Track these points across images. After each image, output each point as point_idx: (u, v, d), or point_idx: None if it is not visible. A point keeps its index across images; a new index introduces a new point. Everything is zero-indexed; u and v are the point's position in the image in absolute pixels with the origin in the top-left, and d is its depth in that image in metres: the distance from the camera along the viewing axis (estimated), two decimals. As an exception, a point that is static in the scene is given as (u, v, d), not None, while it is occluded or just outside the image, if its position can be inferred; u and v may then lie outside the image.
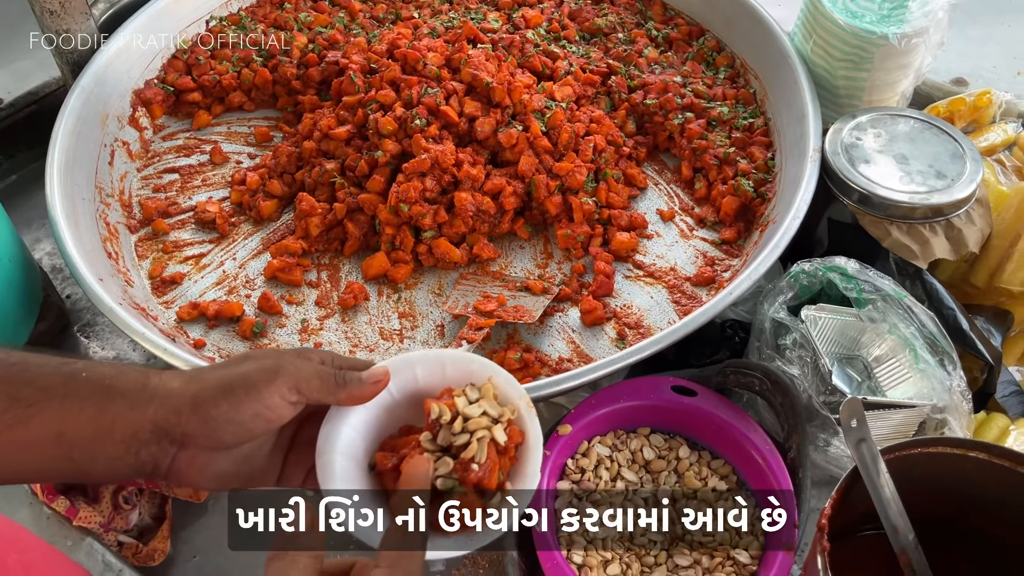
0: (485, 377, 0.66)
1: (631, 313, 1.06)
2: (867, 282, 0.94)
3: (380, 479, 0.64)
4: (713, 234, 1.14)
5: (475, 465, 0.60)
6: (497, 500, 0.62)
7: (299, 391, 0.58)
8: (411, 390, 0.67)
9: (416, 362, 0.67)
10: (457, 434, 0.62)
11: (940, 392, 0.91)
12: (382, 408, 0.65)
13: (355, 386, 0.62)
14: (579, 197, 1.12)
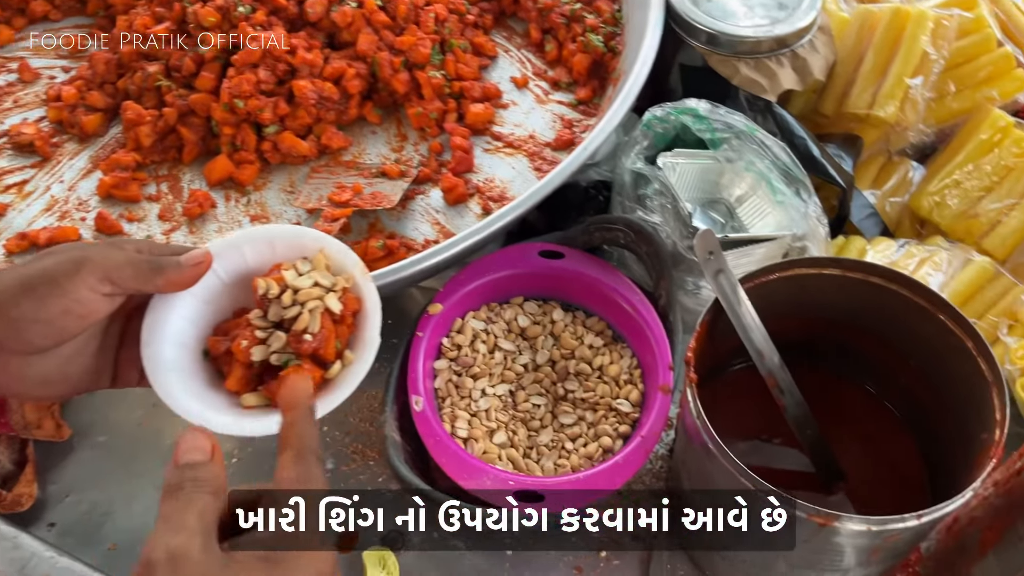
0: (316, 249, 0.64)
1: (494, 186, 1.03)
2: (718, 121, 0.93)
3: (216, 363, 0.62)
4: (569, 95, 1.11)
5: (308, 336, 0.59)
6: (337, 369, 0.61)
7: (111, 281, 0.53)
8: (241, 272, 0.63)
9: (243, 242, 0.63)
10: (288, 307, 0.60)
11: (798, 221, 0.92)
12: (213, 293, 0.62)
13: (173, 271, 0.57)
14: (426, 72, 1.07)
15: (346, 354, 0.62)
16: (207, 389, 0.61)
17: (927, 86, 1.00)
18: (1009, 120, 0.99)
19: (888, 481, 0.84)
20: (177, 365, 0.59)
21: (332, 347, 0.60)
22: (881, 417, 0.87)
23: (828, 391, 0.87)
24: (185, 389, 0.58)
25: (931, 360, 0.77)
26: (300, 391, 0.56)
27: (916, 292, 0.75)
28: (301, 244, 0.64)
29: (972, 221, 0.98)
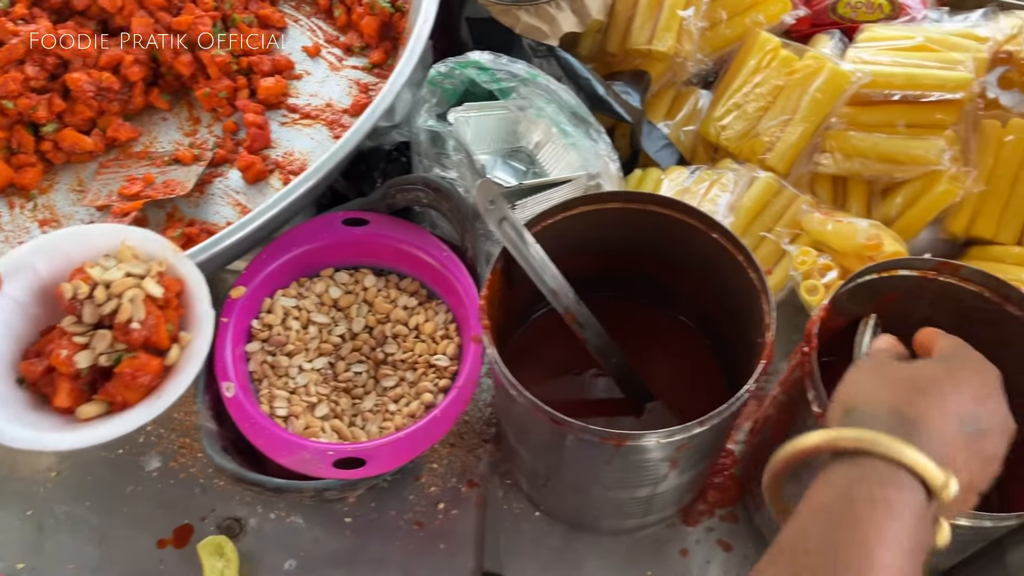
0: (118, 243, 0.61)
1: (294, 159, 1.01)
2: (502, 71, 0.94)
3: (35, 388, 0.58)
4: (363, 60, 1.10)
5: (135, 324, 0.56)
6: (176, 353, 0.59)
7: None
8: (38, 287, 0.59)
9: (32, 254, 0.59)
10: (104, 303, 0.56)
11: (592, 160, 0.96)
12: (10, 317, 0.58)
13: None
14: (210, 51, 1.04)
15: (181, 336, 0.59)
16: (34, 413, 0.57)
17: (699, 16, 1.05)
18: (776, 42, 1.04)
19: (695, 391, 0.88)
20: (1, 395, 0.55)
21: (164, 332, 0.58)
22: (684, 335, 0.92)
23: (635, 317, 0.92)
24: (9, 419, 0.55)
25: (714, 276, 0.82)
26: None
27: (691, 215, 0.79)
28: (98, 242, 0.60)
29: (755, 140, 1.04)
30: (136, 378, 0.56)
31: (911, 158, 0.97)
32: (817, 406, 0.70)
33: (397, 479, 0.90)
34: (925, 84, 0.96)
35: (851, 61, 1.01)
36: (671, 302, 0.91)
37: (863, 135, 0.99)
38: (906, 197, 1.01)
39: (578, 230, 0.82)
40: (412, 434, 0.79)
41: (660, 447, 0.69)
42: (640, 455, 0.71)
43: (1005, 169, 1.01)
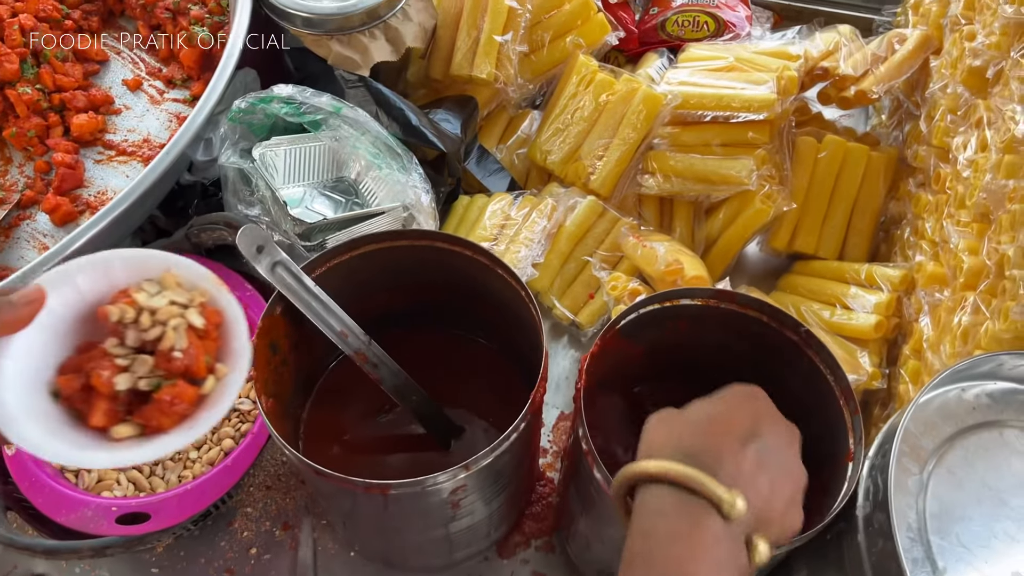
0: (162, 269, 0.60)
1: (107, 199, 0.98)
2: (307, 103, 0.93)
3: (69, 403, 0.57)
4: (184, 92, 1.08)
5: (177, 353, 0.56)
6: (211, 384, 0.59)
7: None
8: (78, 304, 0.58)
9: (76, 271, 0.58)
10: (148, 329, 0.56)
11: (405, 192, 0.95)
12: (48, 331, 0.56)
13: (6, 311, 0.52)
14: (17, 88, 1.01)
15: (218, 367, 0.59)
16: (68, 429, 0.56)
17: (517, 41, 1.04)
18: (592, 65, 1.05)
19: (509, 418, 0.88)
20: (30, 411, 0.55)
21: (203, 362, 0.58)
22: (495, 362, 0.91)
23: (449, 349, 0.91)
24: (46, 433, 0.55)
25: (507, 307, 0.81)
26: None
27: (476, 252, 0.79)
28: (143, 266, 0.60)
29: (577, 164, 1.04)
30: (173, 405, 0.57)
31: (722, 178, 0.98)
32: (584, 444, 0.70)
33: (207, 525, 0.88)
34: (732, 106, 0.97)
35: (668, 82, 1.02)
36: (481, 331, 0.91)
37: (681, 156, 1.00)
38: (726, 216, 1.02)
39: (371, 268, 0.81)
40: (200, 486, 0.78)
41: (433, 492, 0.69)
42: (416, 501, 0.70)
43: (821, 185, 1.03)
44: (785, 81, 0.98)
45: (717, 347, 0.84)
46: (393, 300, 0.85)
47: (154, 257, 0.61)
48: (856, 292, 0.96)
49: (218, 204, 1.00)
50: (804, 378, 0.78)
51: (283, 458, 0.93)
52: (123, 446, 0.57)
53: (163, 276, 0.60)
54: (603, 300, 0.98)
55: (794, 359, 0.78)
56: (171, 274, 0.61)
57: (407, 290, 0.86)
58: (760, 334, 0.79)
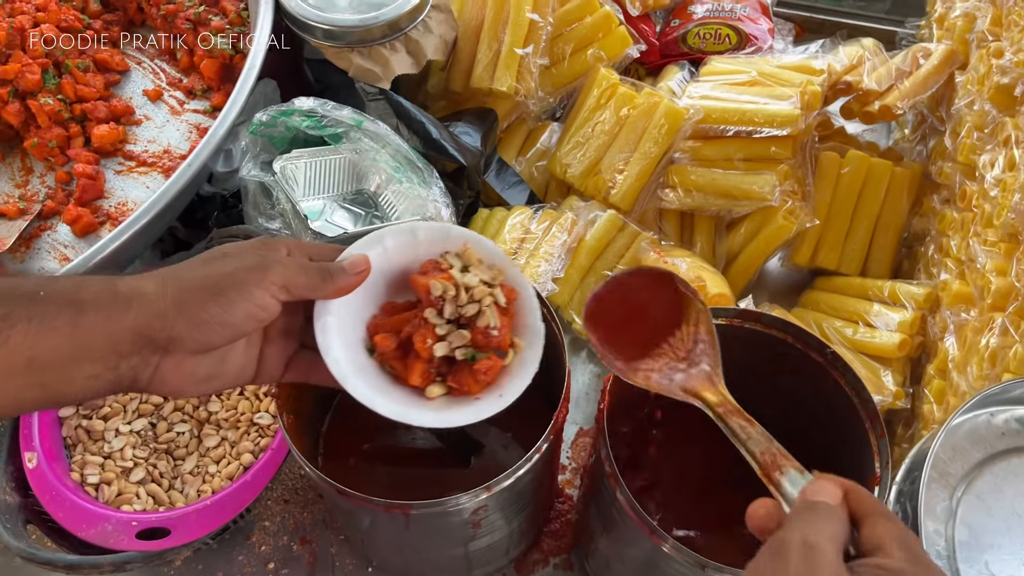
0: (460, 243, 0.65)
1: (128, 210, 0.99)
2: (328, 116, 0.93)
3: (382, 359, 0.63)
4: (205, 103, 1.08)
5: (493, 331, 0.61)
6: (511, 357, 0.64)
7: (287, 288, 0.55)
8: (384, 266, 0.64)
9: (387, 235, 0.63)
10: (464, 305, 0.61)
11: (426, 206, 0.94)
12: (361, 291, 0.61)
13: (341, 279, 0.59)
14: (39, 99, 1.01)
15: (516, 341, 0.64)
16: (386, 384, 0.62)
17: (538, 54, 1.04)
18: (614, 78, 1.04)
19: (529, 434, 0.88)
20: (358, 367, 0.61)
21: (508, 337, 0.63)
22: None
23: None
24: (376, 389, 0.60)
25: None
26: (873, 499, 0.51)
27: (498, 267, 0.78)
28: (446, 236, 0.65)
29: (597, 178, 1.03)
30: (487, 375, 0.62)
31: (745, 193, 0.97)
32: (607, 466, 0.69)
33: (225, 539, 0.88)
34: (755, 120, 0.96)
35: (689, 96, 1.01)
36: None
37: (702, 170, 0.99)
38: (747, 231, 1.01)
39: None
40: (220, 501, 0.78)
41: (454, 512, 0.68)
42: (436, 520, 0.70)
43: (844, 201, 1.02)
44: (809, 96, 0.97)
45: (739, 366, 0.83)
46: (413, 316, 0.85)
47: (454, 230, 0.66)
48: (879, 309, 0.95)
49: (238, 216, 1.00)
50: (828, 399, 0.77)
51: (301, 472, 0.93)
52: (438, 406, 0.62)
53: (463, 249, 0.65)
54: (623, 315, 0.97)
55: (818, 380, 0.77)
56: (469, 249, 0.65)
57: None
58: (784, 354, 0.78)
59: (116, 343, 0.50)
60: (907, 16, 1.22)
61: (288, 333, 0.61)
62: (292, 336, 0.61)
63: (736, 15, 1.13)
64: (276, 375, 0.61)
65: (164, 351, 0.52)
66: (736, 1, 1.15)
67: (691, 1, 1.18)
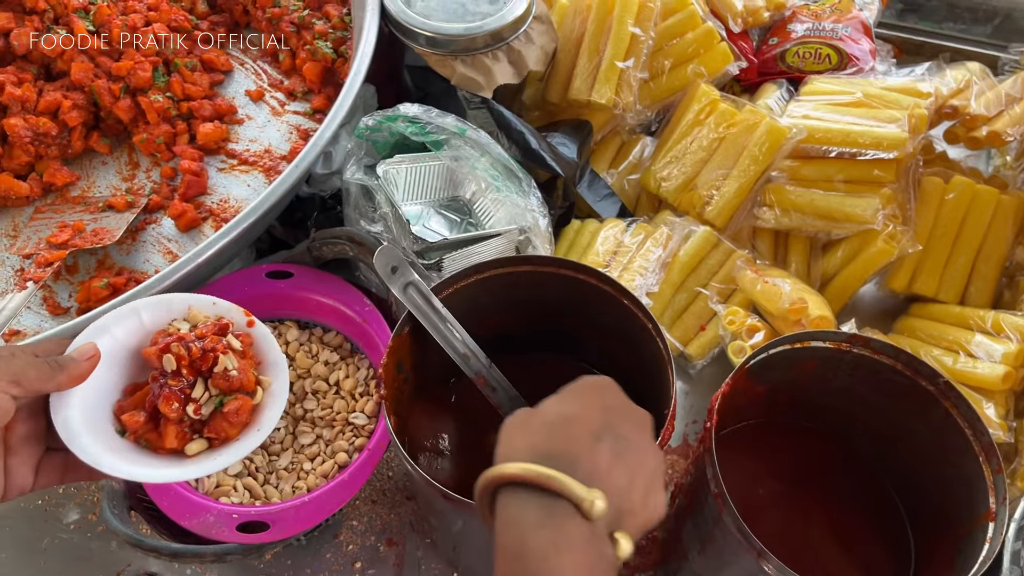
0: (185, 308, 0.69)
1: (229, 207, 1.01)
2: (432, 123, 0.94)
3: (135, 437, 0.65)
4: (305, 105, 1.10)
5: (232, 372, 0.65)
6: (260, 395, 0.67)
7: (19, 384, 0.56)
8: (116, 351, 0.66)
9: (111, 323, 0.67)
10: (198, 358, 0.65)
11: (523, 215, 0.95)
12: (96, 379, 0.64)
13: (72, 367, 0.60)
14: (149, 96, 1.04)
15: (262, 379, 0.68)
16: (151, 457, 0.64)
17: (639, 67, 1.04)
18: (714, 95, 1.03)
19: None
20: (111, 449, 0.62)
21: (251, 376, 0.67)
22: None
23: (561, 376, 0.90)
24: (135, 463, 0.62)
25: (628, 340, 0.80)
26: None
27: (601, 281, 0.78)
28: (169, 308, 0.69)
29: (693, 194, 1.03)
30: (239, 416, 0.65)
31: (846, 215, 0.95)
32: (714, 485, 0.68)
33: (315, 536, 0.89)
34: (860, 143, 0.94)
35: (791, 115, 1.00)
36: (595, 360, 0.90)
37: (801, 190, 0.98)
38: (845, 254, 1.00)
39: (492, 292, 0.81)
40: (318, 498, 0.79)
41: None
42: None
43: (946, 227, 1.00)
44: (916, 119, 0.95)
45: (841, 390, 0.82)
46: (512, 324, 0.85)
47: (175, 300, 0.70)
48: (980, 340, 0.92)
49: (336, 217, 1.02)
50: (936, 430, 0.76)
51: (390, 473, 0.94)
52: (203, 458, 0.65)
53: (188, 313, 0.69)
54: (715, 333, 0.97)
55: (927, 409, 0.75)
56: (193, 311, 0.69)
57: (526, 315, 0.85)
58: (891, 380, 0.77)
59: None
60: (1010, 41, 1.20)
61: (30, 439, 0.61)
62: (36, 441, 0.61)
63: (837, 35, 1.11)
64: (27, 486, 0.61)
65: None
66: (837, 21, 1.13)
67: (790, 19, 1.16)
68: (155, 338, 0.67)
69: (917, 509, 0.83)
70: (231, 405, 0.65)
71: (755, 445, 0.87)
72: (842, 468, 0.86)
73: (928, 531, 0.81)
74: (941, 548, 0.77)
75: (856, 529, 0.83)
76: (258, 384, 0.68)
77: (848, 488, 0.86)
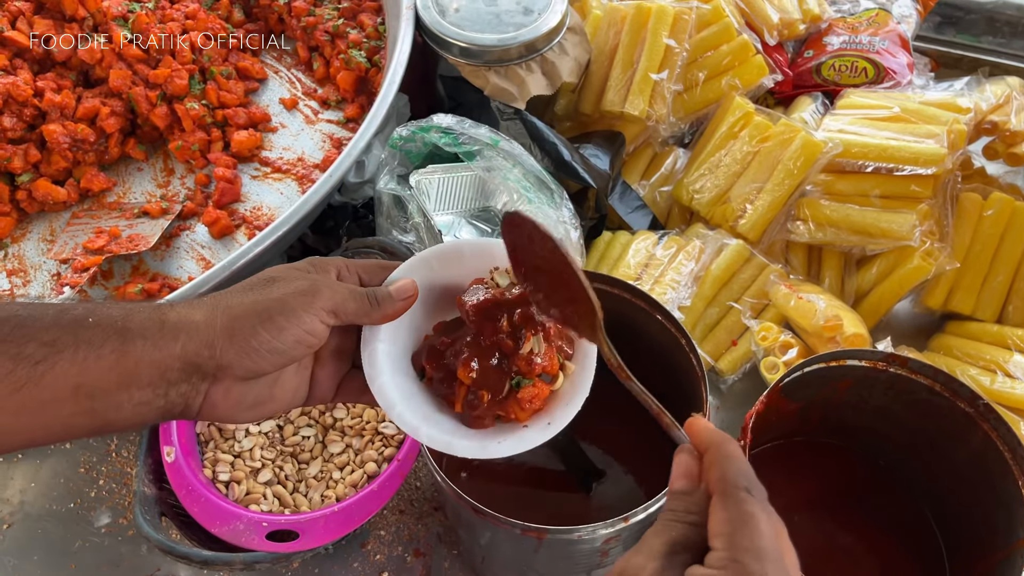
0: (506, 260, 0.61)
1: (262, 214, 1.02)
2: (464, 134, 0.94)
3: (431, 385, 0.61)
4: (339, 114, 1.11)
5: (537, 358, 0.59)
6: (561, 382, 0.61)
7: (336, 313, 0.55)
8: (430, 285, 0.63)
9: (431, 257, 0.62)
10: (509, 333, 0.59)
11: (555, 227, 0.94)
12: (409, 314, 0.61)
13: (388, 305, 0.58)
14: (185, 103, 1.05)
15: (567, 365, 0.62)
16: (434, 411, 0.61)
17: (672, 79, 1.03)
18: (749, 108, 1.03)
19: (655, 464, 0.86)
20: (406, 394, 0.60)
21: (556, 362, 0.61)
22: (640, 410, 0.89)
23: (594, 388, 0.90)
24: (422, 417, 0.59)
25: (663, 354, 0.80)
26: (706, 431, 0.53)
27: (635, 296, 0.78)
28: (490, 254, 0.63)
29: (726, 207, 1.02)
30: (532, 403, 0.60)
31: (882, 231, 0.94)
32: (747, 505, 0.67)
33: (342, 545, 0.89)
34: (898, 158, 0.93)
35: (826, 129, 0.99)
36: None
37: (836, 205, 0.97)
38: (880, 270, 0.99)
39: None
40: (347, 508, 0.79)
41: (587, 540, 0.68)
42: (567, 547, 0.69)
43: (984, 244, 0.98)
44: (955, 135, 0.94)
45: (875, 409, 0.81)
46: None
47: (497, 246, 0.62)
48: (1019, 359, 0.91)
49: (368, 226, 1.02)
50: (974, 452, 0.74)
51: (417, 484, 0.94)
52: (485, 435, 0.60)
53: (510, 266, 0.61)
54: (747, 348, 0.96)
55: (965, 431, 0.74)
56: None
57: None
58: (928, 401, 0.76)
59: (164, 371, 0.50)
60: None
61: (340, 354, 0.60)
62: (344, 357, 0.61)
63: (874, 48, 1.10)
64: (328, 397, 0.61)
65: (213, 378, 0.52)
66: (874, 34, 1.12)
67: (826, 32, 1.15)
68: (471, 284, 0.62)
69: (953, 533, 0.81)
70: (527, 391, 0.60)
71: (788, 463, 0.86)
72: (876, 489, 0.85)
73: (964, 555, 0.79)
74: (977, 573, 0.76)
75: (890, 551, 0.82)
76: (562, 370, 0.62)
77: (882, 509, 0.84)
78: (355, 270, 0.59)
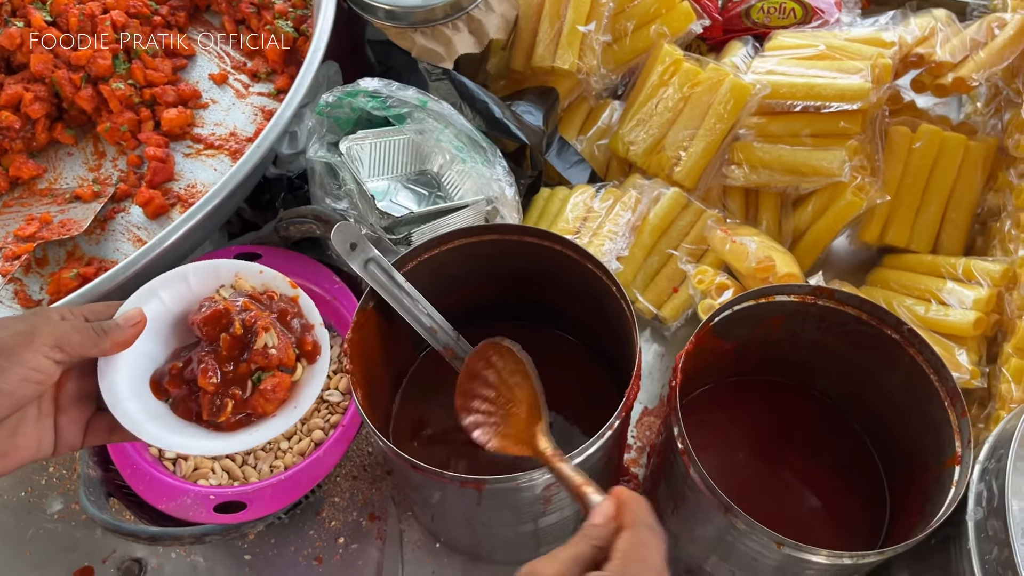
0: (232, 276, 0.68)
1: (196, 192, 1.01)
2: (392, 97, 0.93)
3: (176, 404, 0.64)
4: (269, 86, 1.09)
5: (272, 350, 0.64)
6: (300, 371, 0.66)
7: (61, 348, 0.55)
8: (163, 315, 0.66)
9: (159, 287, 0.66)
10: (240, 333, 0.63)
11: (489, 185, 0.94)
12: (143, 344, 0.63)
13: (116, 333, 0.60)
14: (111, 84, 1.03)
15: (302, 358, 0.67)
16: (186, 425, 0.64)
17: (601, 30, 1.03)
18: (677, 54, 1.03)
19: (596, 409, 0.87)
20: (153, 415, 0.62)
21: (292, 354, 0.65)
22: (580, 357, 0.91)
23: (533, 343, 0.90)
24: (172, 431, 0.62)
25: (596, 304, 0.81)
26: (627, 491, 0.56)
27: (567, 247, 0.78)
28: (216, 274, 0.67)
29: (661, 155, 1.02)
30: (275, 392, 0.64)
31: (813, 169, 0.95)
32: (680, 443, 0.69)
33: (296, 514, 0.89)
34: (824, 95, 0.94)
35: (755, 72, 0.99)
36: (566, 326, 0.90)
37: (768, 147, 0.98)
38: (815, 208, 1.00)
39: (459, 263, 0.81)
40: (294, 476, 0.79)
41: (526, 488, 0.69)
42: (508, 497, 0.70)
43: (915, 176, 0.99)
44: (880, 69, 0.94)
45: (810, 344, 0.83)
46: (479, 295, 0.85)
47: (222, 266, 0.68)
48: (952, 287, 0.92)
49: (304, 197, 1.02)
50: (904, 377, 0.76)
51: (369, 449, 0.94)
52: (238, 433, 0.64)
53: (235, 281, 0.68)
54: (688, 294, 0.97)
55: (894, 358, 0.76)
56: (241, 279, 0.68)
57: (494, 285, 0.86)
58: (858, 331, 0.77)
59: None
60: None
61: (81, 399, 0.61)
62: (87, 401, 0.62)
63: (802, -12, 1.10)
64: (76, 443, 0.61)
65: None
66: (801, -27, 1.12)
67: (755, -25, 1.15)
68: (201, 304, 0.65)
69: (890, 459, 0.83)
70: (269, 382, 0.64)
71: (727, 404, 0.87)
72: (816, 422, 0.87)
73: (901, 479, 0.81)
74: (912, 495, 0.78)
75: (831, 481, 0.84)
76: (298, 361, 0.66)
77: (823, 442, 0.86)
78: (79, 313, 0.60)
